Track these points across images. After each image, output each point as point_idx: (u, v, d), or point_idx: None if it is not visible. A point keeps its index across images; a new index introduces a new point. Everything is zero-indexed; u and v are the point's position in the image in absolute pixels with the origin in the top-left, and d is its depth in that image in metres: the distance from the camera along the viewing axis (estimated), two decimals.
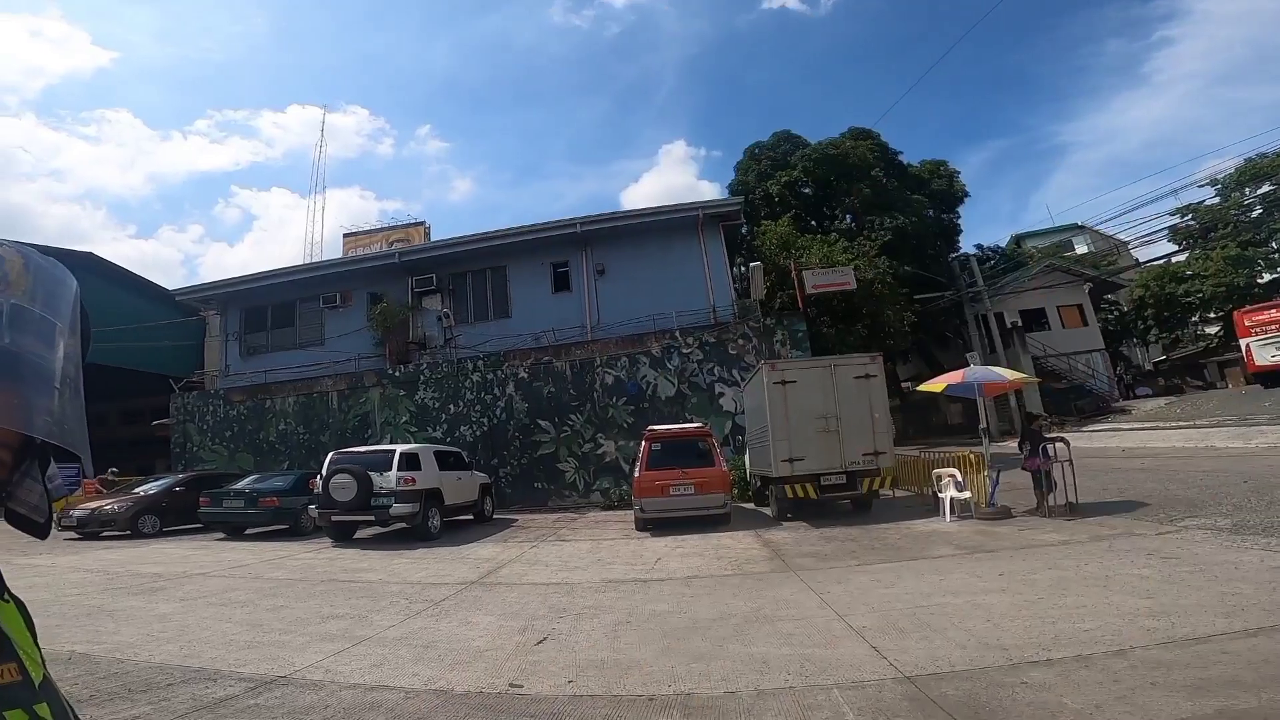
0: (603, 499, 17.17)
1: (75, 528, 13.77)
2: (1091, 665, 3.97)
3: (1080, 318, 33.71)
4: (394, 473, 11.61)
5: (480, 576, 8.20)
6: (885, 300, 24.59)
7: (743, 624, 5.45)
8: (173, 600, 7.17)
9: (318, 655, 4.98)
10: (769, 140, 36.32)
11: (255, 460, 19.68)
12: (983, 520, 9.81)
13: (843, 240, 26.87)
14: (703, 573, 7.72)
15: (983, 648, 4.41)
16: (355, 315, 21.76)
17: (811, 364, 12.44)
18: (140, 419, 29.22)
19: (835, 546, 8.87)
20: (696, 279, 20.08)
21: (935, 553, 7.85)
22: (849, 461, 11.20)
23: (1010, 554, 7.37)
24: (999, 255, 40.54)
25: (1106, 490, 11.17)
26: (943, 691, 3.77)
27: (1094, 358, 32.50)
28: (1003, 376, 11.80)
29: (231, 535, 13.60)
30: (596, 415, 18.00)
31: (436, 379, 19.14)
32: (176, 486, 15.33)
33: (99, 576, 8.80)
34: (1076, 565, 6.52)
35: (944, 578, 6.51)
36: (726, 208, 21.62)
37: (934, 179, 35.22)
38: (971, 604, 5.46)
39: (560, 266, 21.21)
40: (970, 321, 31.30)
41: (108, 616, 6.38)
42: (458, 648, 5.13)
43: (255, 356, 22.48)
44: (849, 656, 4.48)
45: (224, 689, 4.23)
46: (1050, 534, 8.32)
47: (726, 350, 17.90)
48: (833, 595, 6.18)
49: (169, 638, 5.55)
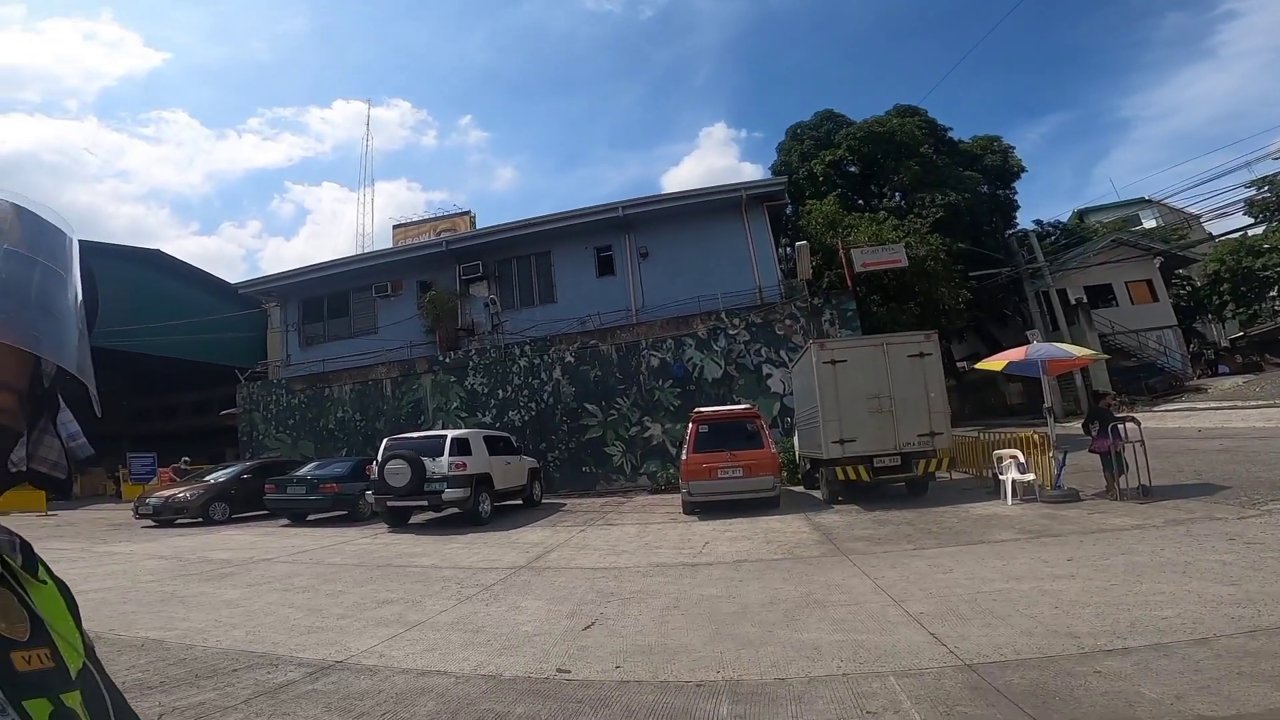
0: (650, 482, 17.18)
1: (151, 515, 14.52)
2: (1171, 654, 3.71)
3: (1150, 293, 31.96)
4: (445, 458, 11.82)
5: (529, 561, 8.27)
6: (939, 278, 23.74)
7: (793, 609, 5.32)
8: (240, 586, 7.44)
9: (373, 640, 5.07)
10: (811, 120, 35.57)
11: (315, 447, 20.40)
12: (1048, 503, 9.37)
13: (892, 218, 26.06)
14: (751, 557, 7.60)
15: (1051, 635, 4.17)
16: (406, 304, 22.24)
17: (863, 343, 12.08)
18: (210, 409, 30.68)
19: (889, 530, 8.62)
20: (741, 260, 19.82)
21: (997, 537, 7.53)
22: (903, 443, 10.86)
23: (1079, 538, 7.00)
24: (1060, 230, 38.77)
25: (1182, 472, 10.53)
26: (1008, 680, 3.57)
27: (1166, 334, 30.80)
28: (1068, 353, 11.23)
29: (295, 521, 14.09)
30: (643, 398, 17.99)
31: (485, 365, 19.42)
32: (244, 474, 15.96)
33: (172, 563, 9.22)
34: (1152, 550, 6.14)
35: (1007, 563, 6.22)
36: (770, 188, 21.17)
37: (987, 155, 33.88)
38: (1038, 590, 5.19)
39: (604, 250, 21.19)
40: (1030, 298, 29.98)
41: (179, 603, 6.66)
42: (506, 633, 5.16)
43: (313, 346, 23.26)
44: (905, 643, 4.31)
45: (284, 674, 4.34)
46: (1123, 518, 7.87)
47: (774, 331, 17.61)
48: (887, 580, 5.98)
49: (235, 623, 5.73)
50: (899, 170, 30.80)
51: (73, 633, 0.71)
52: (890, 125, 31.88)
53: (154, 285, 26.52)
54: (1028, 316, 30.38)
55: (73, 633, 0.71)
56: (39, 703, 0.58)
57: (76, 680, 0.65)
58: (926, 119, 33.28)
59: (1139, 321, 30.71)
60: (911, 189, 30.53)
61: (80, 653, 0.69)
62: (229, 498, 15.24)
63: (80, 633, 0.73)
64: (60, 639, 0.67)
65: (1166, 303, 32.18)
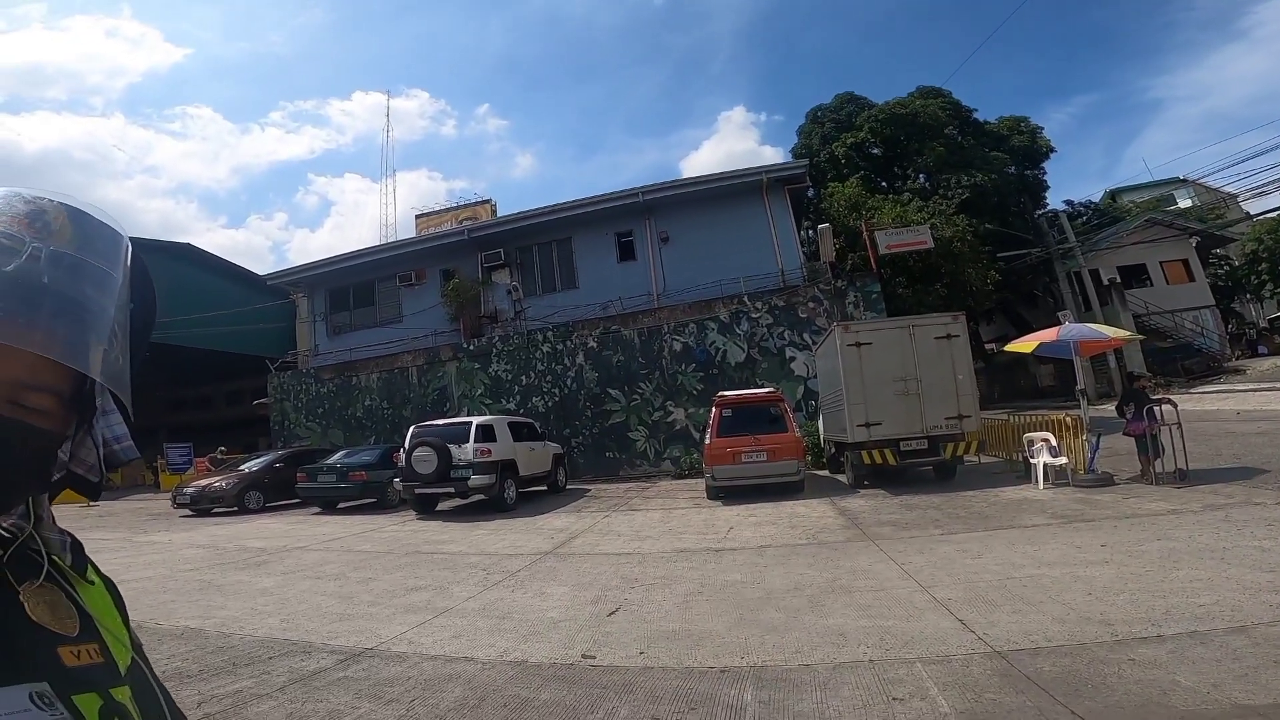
0: (673, 467, 17.20)
1: (189, 505, 14.90)
2: (1208, 642, 3.62)
3: (1186, 273, 30.97)
4: (471, 445, 11.93)
5: (554, 547, 8.34)
6: (965, 259, 23.29)
7: (818, 595, 5.30)
8: (274, 574, 7.60)
9: (402, 627, 5.16)
10: (831, 103, 35.20)
11: (344, 435, 20.75)
12: (1081, 488, 9.18)
13: (916, 200, 25.60)
14: (776, 542, 7.57)
15: (1083, 622, 4.10)
16: (430, 292, 22.43)
17: (888, 324, 11.91)
18: (242, 400, 31.33)
19: (916, 515, 8.52)
20: (763, 243, 19.65)
21: (1027, 522, 7.40)
22: (930, 426, 10.71)
23: (1113, 524, 6.85)
24: (1092, 210, 37.80)
25: (1220, 456, 10.23)
26: (1038, 667, 3.52)
27: (1203, 314, 29.87)
28: (1102, 334, 10.96)
29: (325, 509, 14.34)
30: (666, 383, 17.98)
31: (509, 351, 19.55)
32: (276, 463, 16.26)
33: (210, 552, 9.46)
34: (1189, 536, 5.98)
35: (1038, 548, 6.11)
36: (791, 171, 20.93)
37: (1014, 135, 33.18)
38: (1070, 576, 5.09)
39: (624, 236, 21.14)
40: (1061, 278, 29.23)
41: (216, 591, 6.83)
42: (532, 619, 5.21)
43: (340, 335, 23.60)
44: (933, 629, 4.26)
45: (317, 661, 4.43)
46: (1158, 502, 7.69)
47: (797, 313, 17.46)
48: (914, 565, 5.91)
49: (270, 611, 5.86)
50: (922, 152, 30.29)
51: (121, 629, 0.71)
52: (913, 107, 31.36)
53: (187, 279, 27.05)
54: (1059, 297, 29.68)
55: (121, 629, 0.71)
56: (89, 697, 0.58)
57: (126, 676, 0.66)
58: (950, 100, 32.71)
59: (1175, 302, 29.83)
60: (936, 170, 30.03)
61: (129, 648, 0.70)
62: (263, 486, 15.54)
63: (128, 630, 0.73)
64: (109, 635, 0.67)
65: (1203, 282, 31.18)
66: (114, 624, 0.70)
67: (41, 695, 0.54)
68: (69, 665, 0.59)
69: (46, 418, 0.58)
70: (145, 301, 0.72)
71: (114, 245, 0.65)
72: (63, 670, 0.58)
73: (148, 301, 0.73)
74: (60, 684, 0.57)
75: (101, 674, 0.62)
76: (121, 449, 0.69)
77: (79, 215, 0.63)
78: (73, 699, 0.56)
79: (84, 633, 0.64)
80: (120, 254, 0.66)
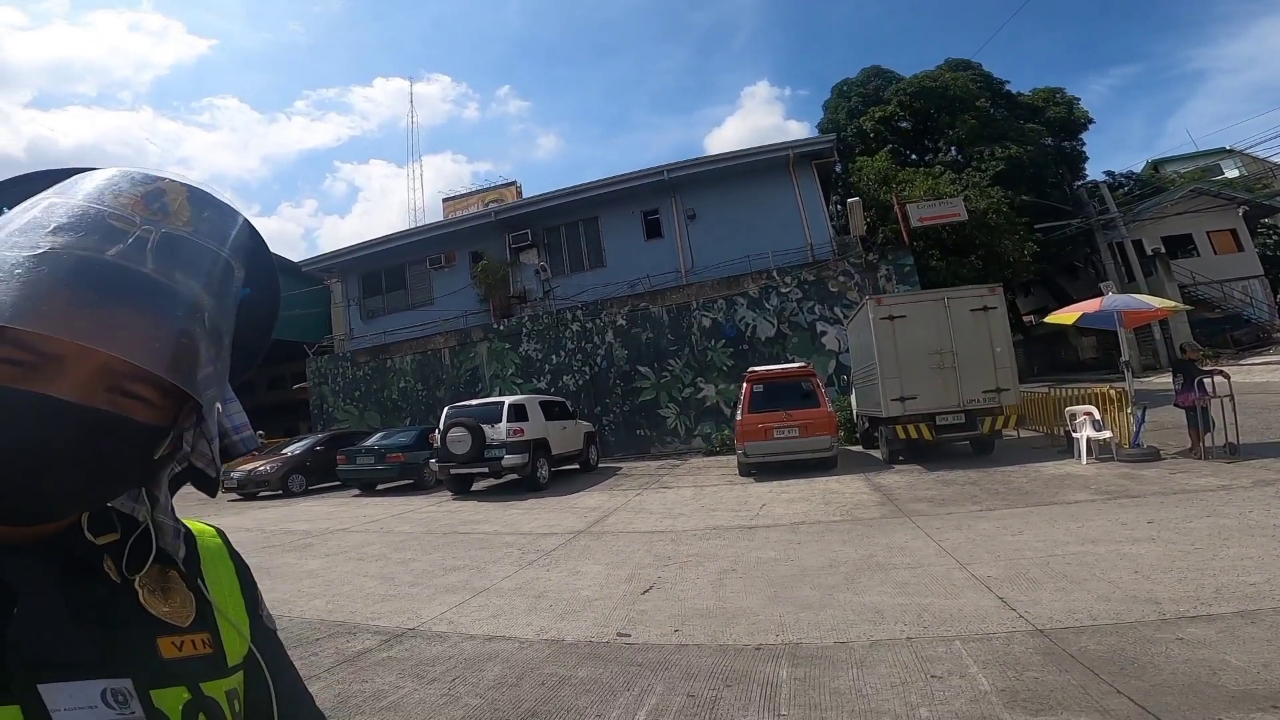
0: (704, 444, 17.20)
1: (236, 489, 15.38)
2: (1259, 621, 3.50)
3: (1234, 243, 29.77)
4: (504, 424, 12.07)
5: (588, 526, 8.43)
6: (1001, 231, 22.65)
7: (853, 572, 5.26)
8: (319, 556, 7.80)
9: (441, 607, 5.26)
10: (858, 77, 34.87)
11: (381, 417, 21.17)
12: (1126, 463, 8.92)
13: (949, 172, 24.96)
14: (809, 519, 7.53)
15: (1129, 600, 4.00)
16: (459, 274, 22.65)
17: (922, 297, 11.67)
18: (283, 384, 32.15)
19: (953, 491, 8.39)
20: (791, 219, 19.42)
21: (1070, 498, 7.23)
22: (967, 400, 10.51)
23: (1160, 500, 6.66)
24: (1134, 181, 36.73)
25: (1271, 430, 9.86)
26: (1082, 646, 3.45)
27: (1252, 284, 28.72)
28: (1148, 304, 10.57)
29: (365, 490, 14.69)
30: (695, 359, 17.94)
31: (538, 331, 19.68)
32: (317, 446, 16.63)
33: (258, 535, 9.73)
34: (1240, 513, 5.78)
35: (1081, 525, 5.97)
36: (818, 146, 20.64)
37: (1049, 107, 32.39)
38: (1115, 553, 4.97)
39: (651, 214, 21.04)
40: (1103, 249, 28.31)
41: (266, 574, 6.99)
42: (568, 597, 5.27)
43: (374, 319, 24.02)
44: (972, 607, 4.21)
45: (361, 642, 4.55)
46: (1207, 478, 7.43)
47: (827, 288, 17.22)
48: (952, 542, 5.83)
49: (316, 593, 6.02)
50: (954, 125, 29.71)
51: (242, 617, 0.70)
52: (942, 80, 30.78)
53: None
54: (1100, 268, 28.76)
55: (242, 617, 0.70)
56: (174, 691, 0.56)
57: (235, 667, 0.65)
58: (981, 73, 32.15)
59: (1223, 272, 28.69)
60: (968, 143, 29.40)
61: (246, 638, 0.68)
62: (305, 470, 15.92)
63: (251, 616, 0.72)
64: (225, 623, 0.66)
65: (1252, 252, 29.97)
66: (234, 610, 0.69)
67: (116, 693, 0.52)
68: (166, 657, 0.58)
69: (147, 409, 0.55)
70: (265, 288, 0.69)
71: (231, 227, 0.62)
72: (157, 663, 0.57)
73: (268, 288, 0.69)
74: (149, 678, 0.55)
75: (201, 666, 0.60)
76: (241, 439, 0.67)
77: (200, 195, 0.60)
78: (152, 694, 0.55)
79: (197, 621, 0.62)
80: (240, 238, 0.63)
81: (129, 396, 0.54)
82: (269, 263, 0.68)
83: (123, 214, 0.54)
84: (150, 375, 0.53)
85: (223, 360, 0.59)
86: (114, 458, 0.54)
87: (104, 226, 0.53)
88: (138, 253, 0.53)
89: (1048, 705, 2.89)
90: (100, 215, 0.54)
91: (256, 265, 0.66)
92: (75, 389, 0.51)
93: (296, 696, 0.73)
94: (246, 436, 0.67)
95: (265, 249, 0.67)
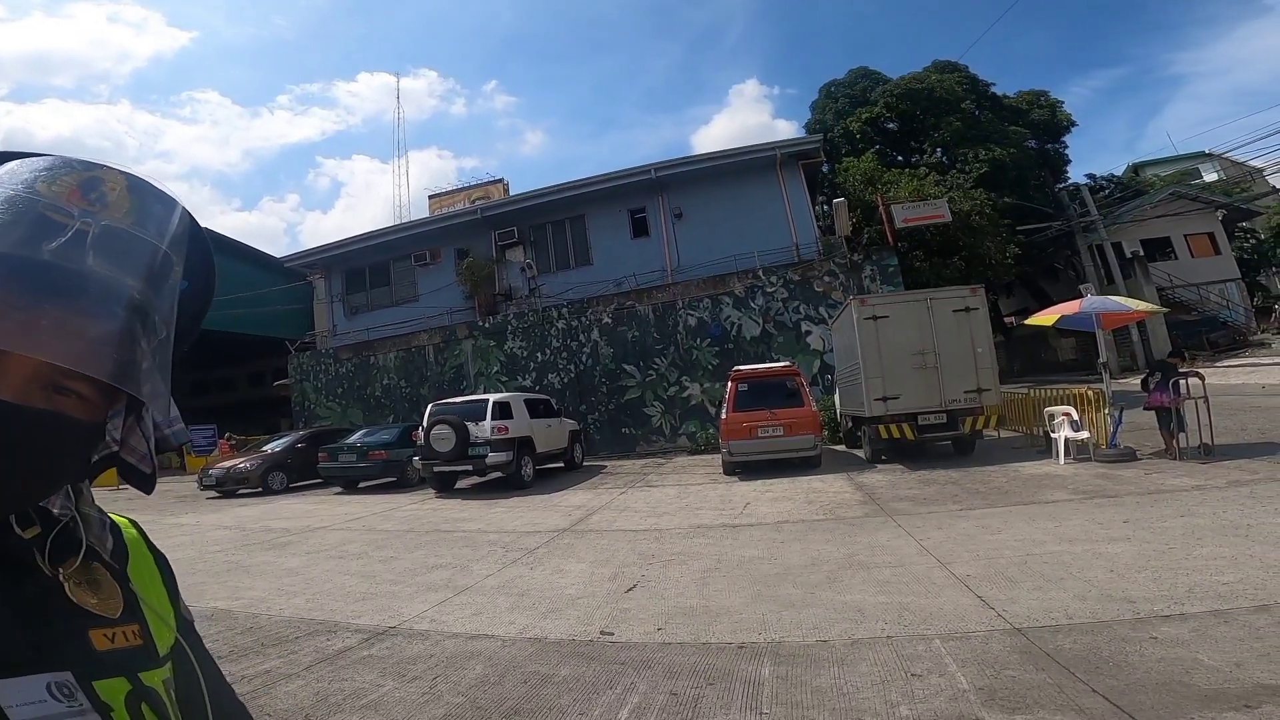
0: (689, 443, 17.25)
1: (215, 486, 15.14)
2: (1231, 621, 3.57)
3: (1212, 246, 30.41)
4: (488, 422, 12.01)
5: (572, 524, 8.41)
6: (984, 232, 22.94)
7: (836, 571, 5.30)
8: (299, 554, 7.72)
9: (424, 605, 5.23)
10: (845, 78, 35.29)
11: (364, 415, 21.02)
12: (1103, 463, 9.07)
13: (933, 174, 25.27)
14: (793, 517, 7.57)
15: (1105, 600, 4.06)
16: (445, 271, 22.52)
17: (905, 298, 11.78)
18: (264, 381, 31.77)
19: (934, 490, 8.48)
20: (777, 219, 19.52)
21: (1048, 497, 7.34)
22: (949, 400, 10.63)
23: (1136, 499, 6.77)
24: (1115, 184, 37.52)
25: (1246, 431, 10.06)
26: (1058, 645, 3.50)
27: (1228, 288, 29.35)
28: (1126, 306, 10.76)
29: (347, 488, 14.58)
30: (681, 358, 17.98)
31: (524, 328, 19.61)
32: (298, 443, 16.45)
33: (236, 533, 9.63)
34: (1213, 513, 5.89)
35: (1059, 524, 6.06)
36: (805, 146, 20.74)
37: (1033, 109, 32.96)
38: (1091, 553, 5.04)
39: (638, 213, 21.04)
40: (1083, 251, 28.78)
41: (244, 572, 6.95)
42: (551, 596, 5.26)
43: (358, 316, 23.82)
44: (952, 606, 4.25)
45: (342, 641, 4.51)
46: (1182, 478, 7.57)
47: (812, 287, 17.33)
48: (933, 541, 5.89)
49: (296, 591, 5.96)
50: (939, 126, 30.07)
51: (167, 608, 0.69)
52: (929, 82, 31.16)
53: None
54: (1080, 270, 29.24)
55: (167, 608, 0.69)
56: (115, 682, 0.56)
57: (165, 657, 0.64)
58: (967, 75, 32.58)
59: (1200, 275, 29.31)
60: (953, 145, 29.81)
61: (173, 628, 0.68)
62: (285, 467, 15.75)
63: (175, 607, 0.71)
64: (152, 614, 0.65)
65: (1229, 255, 30.68)
66: (159, 601, 0.69)
67: (61, 685, 0.52)
68: (100, 649, 0.57)
69: (83, 406, 0.55)
70: (201, 281, 0.67)
71: (172, 219, 0.61)
72: (92, 655, 0.56)
73: (204, 281, 0.68)
74: (87, 670, 0.55)
75: (135, 657, 0.60)
76: (173, 432, 0.65)
77: (139, 184, 0.59)
78: (95, 685, 0.54)
79: (125, 613, 0.62)
80: (179, 229, 0.61)
81: (65, 393, 0.53)
82: (207, 253, 0.67)
83: (58, 204, 0.53)
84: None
85: (163, 356, 0.59)
86: (52, 455, 0.54)
87: (39, 218, 0.52)
88: (76, 249, 0.51)
89: (1024, 704, 2.93)
90: (34, 205, 0.52)
91: (195, 256, 0.65)
92: (12, 390, 0.50)
93: (219, 687, 0.73)
94: (178, 430, 0.66)
95: (204, 239, 0.66)
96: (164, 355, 0.59)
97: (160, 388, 0.59)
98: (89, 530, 0.62)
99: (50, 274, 0.50)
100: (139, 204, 0.57)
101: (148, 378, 0.56)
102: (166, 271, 0.58)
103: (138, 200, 0.57)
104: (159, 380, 0.58)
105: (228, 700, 0.74)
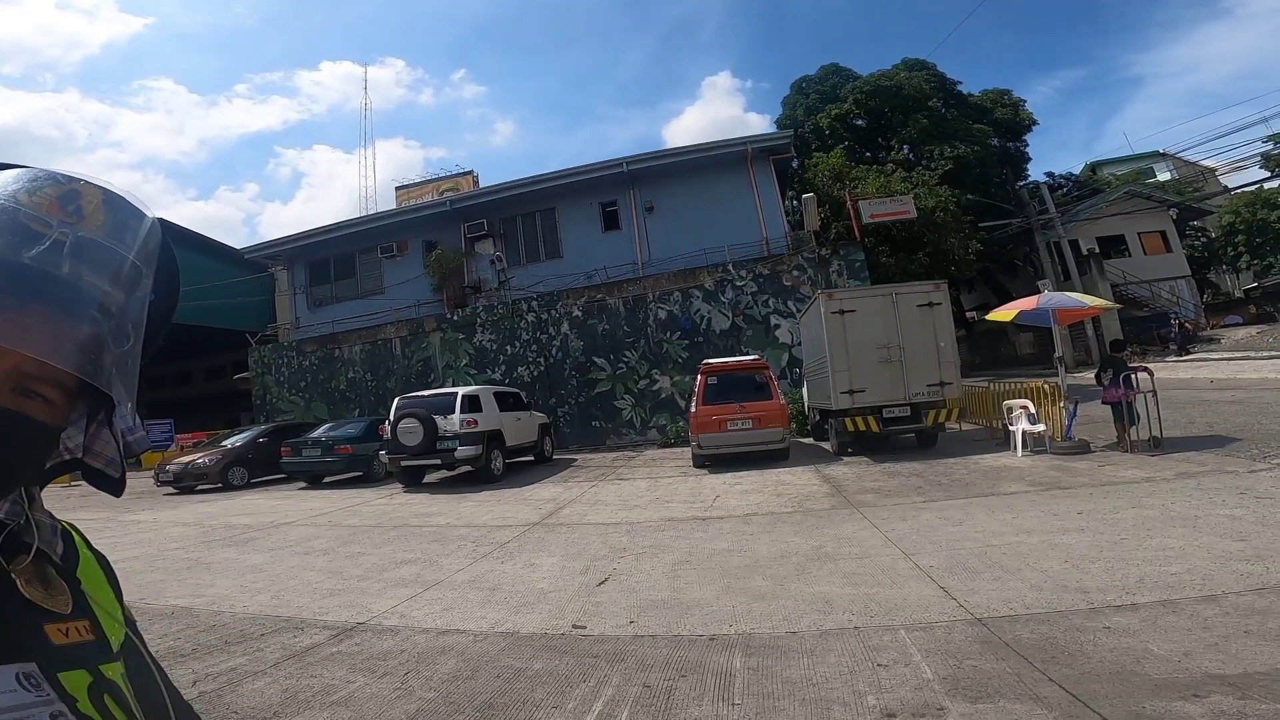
0: (659, 436, 17.34)
1: (172, 482, 14.68)
2: (1179, 611, 3.73)
3: (1164, 244, 31.74)
4: (457, 416, 11.88)
5: (542, 518, 8.40)
6: (948, 229, 23.50)
7: (804, 562, 5.40)
8: (262, 551, 7.57)
9: (393, 601, 5.19)
10: (816, 74, 35.79)
11: (329, 409, 20.63)
12: (1058, 455, 9.38)
13: (900, 170, 25.77)
14: (762, 510, 7.68)
15: (1060, 590, 4.22)
16: (412, 263, 22.14)
17: (871, 293, 11.97)
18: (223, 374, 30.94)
19: (899, 482, 8.67)
20: (748, 213, 19.62)
21: (1007, 489, 7.57)
22: (913, 393, 10.86)
23: (1089, 491, 7.02)
24: (1073, 182, 38.88)
25: (1194, 424, 10.48)
26: (1017, 635, 3.63)
27: (1179, 284, 30.61)
28: (1080, 302, 11.09)
29: (312, 483, 14.31)
30: (651, 351, 18.04)
31: (493, 321, 19.44)
32: (260, 438, 16.07)
33: (196, 530, 9.39)
34: (1162, 504, 6.15)
35: (1017, 516, 6.26)
36: (775, 141, 20.91)
37: (997, 108, 33.99)
38: (1048, 544, 5.23)
39: (609, 206, 20.96)
40: (1042, 248, 29.60)
41: (205, 569, 6.78)
42: (523, 590, 5.26)
43: (322, 308, 23.31)
44: (916, 597, 4.37)
45: (310, 637, 4.45)
46: (1133, 470, 7.88)
47: (781, 282, 17.51)
48: (897, 533, 6.04)
49: (260, 588, 5.85)
50: (906, 124, 30.72)
51: (114, 605, 0.71)
52: (898, 79, 31.81)
53: None
54: (1039, 266, 30.06)
55: (114, 605, 0.71)
56: (77, 674, 0.58)
57: (119, 652, 0.66)
58: (935, 73, 33.35)
59: (1152, 272, 30.50)
60: (919, 142, 30.50)
61: (122, 625, 0.69)
62: (247, 462, 15.37)
63: (121, 605, 0.73)
64: (101, 611, 0.67)
65: (1180, 253, 32.05)
66: (106, 600, 0.70)
67: (28, 676, 0.54)
68: (57, 643, 0.59)
69: (47, 409, 0.57)
70: (167, 292, 0.70)
71: (145, 232, 0.64)
72: (51, 648, 0.58)
73: (169, 292, 0.71)
74: (48, 662, 0.56)
75: (91, 651, 0.62)
76: (135, 440, 0.68)
77: (115, 199, 0.62)
78: (59, 677, 0.56)
79: (76, 610, 0.63)
80: (150, 242, 0.64)
81: (31, 396, 0.56)
82: (173, 266, 0.70)
83: (38, 215, 0.56)
84: (55, 375, 0.55)
85: (131, 362, 0.62)
86: (13, 456, 0.57)
87: (19, 227, 0.55)
88: (54, 256, 0.55)
89: (986, 693, 3.03)
90: (15, 215, 0.56)
91: (161, 268, 0.68)
92: None
93: (165, 683, 0.75)
94: (140, 437, 0.69)
95: (171, 253, 0.69)
96: (131, 361, 0.62)
97: (123, 393, 0.61)
98: (40, 535, 0.64)
99: (27, 277, 0.53)
100: (113, 218, 0.61)
101: (115, 380, 0.59)
102: (135, 281, 0.62)
103: (112, 214, 0.61)
104: (124, 385, 0.61)
105: (177, 697, 0.77)
